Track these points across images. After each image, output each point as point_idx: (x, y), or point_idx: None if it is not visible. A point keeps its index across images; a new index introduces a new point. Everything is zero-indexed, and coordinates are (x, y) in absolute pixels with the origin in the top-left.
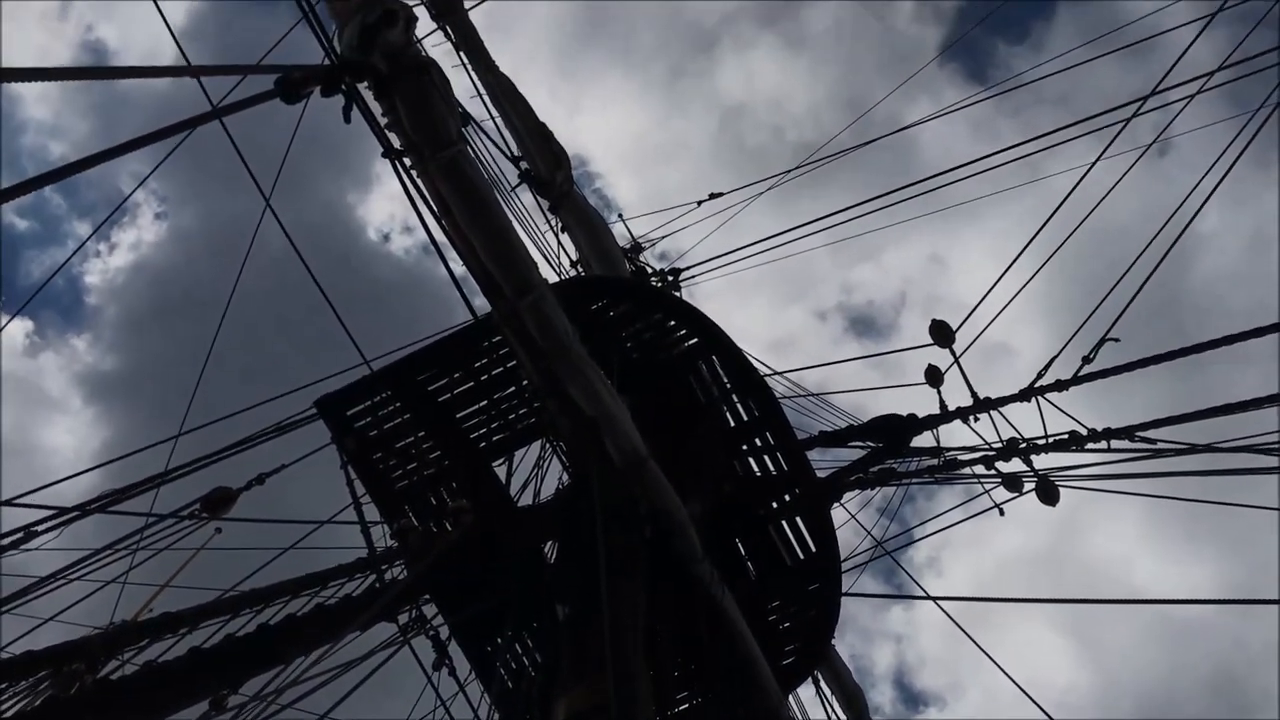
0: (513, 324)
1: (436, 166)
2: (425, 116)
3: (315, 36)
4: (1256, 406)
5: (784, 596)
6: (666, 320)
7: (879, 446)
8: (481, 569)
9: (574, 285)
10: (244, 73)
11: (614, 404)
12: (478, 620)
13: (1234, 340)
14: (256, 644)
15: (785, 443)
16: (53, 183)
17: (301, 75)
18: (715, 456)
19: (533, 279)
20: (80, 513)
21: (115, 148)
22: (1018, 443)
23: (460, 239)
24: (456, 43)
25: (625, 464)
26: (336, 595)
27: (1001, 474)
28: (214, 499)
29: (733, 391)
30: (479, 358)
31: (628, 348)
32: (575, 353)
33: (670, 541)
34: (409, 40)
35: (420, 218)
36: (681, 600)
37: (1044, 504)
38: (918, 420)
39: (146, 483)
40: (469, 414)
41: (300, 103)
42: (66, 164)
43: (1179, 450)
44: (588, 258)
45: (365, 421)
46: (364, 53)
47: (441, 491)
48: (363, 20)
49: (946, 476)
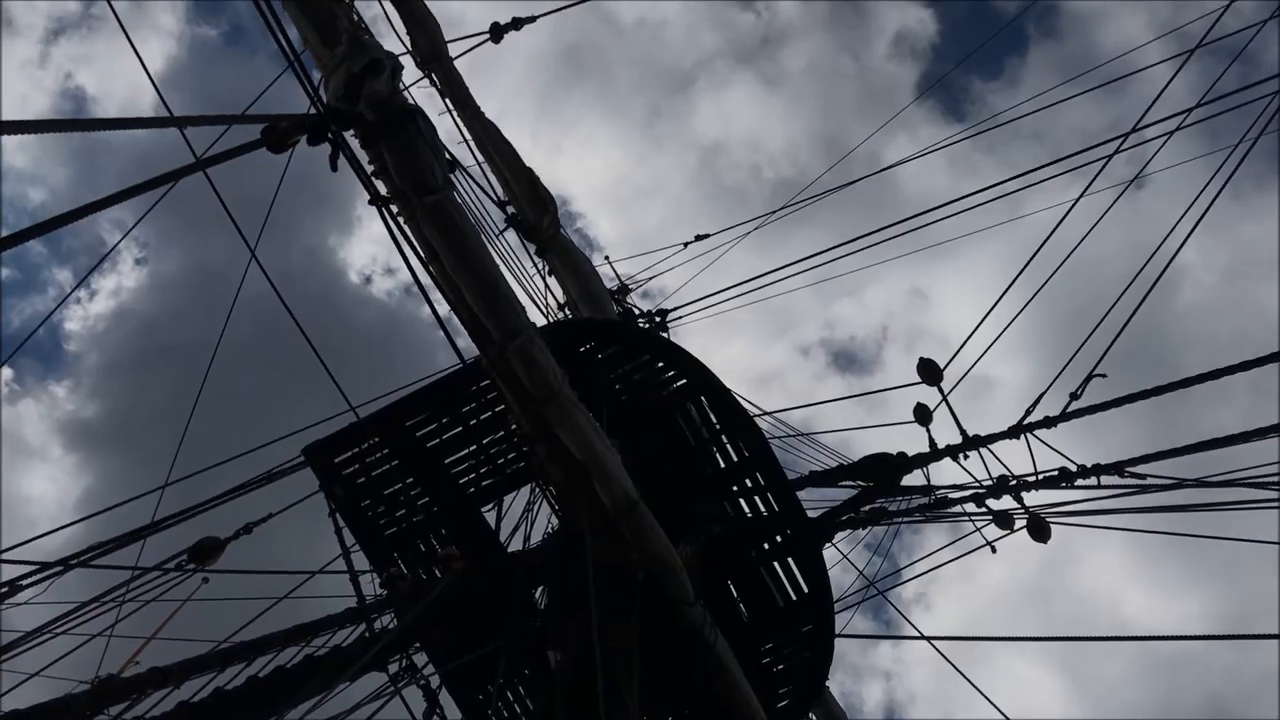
0: (500, 368)
1: (424, 213)
2: (412, 164)
3: (301, 86)
4: (1245, 440)
5: (777, 638)
6: (655, 362)
7: (869, 486)
8: (472, 616)
9: (562, 328)
10: (229, 123)
11: (604, 448)
12: (469, 669)
13: (1220, 374)
14: (246, 697)
15: (775, 483)
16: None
17: (287, 124)
18: (706, 498)
19: (520, 322)
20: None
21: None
22: (1008, 480)
23: (447, 284)
24: (442, 90)
25: (616, 508)
26: (326, 646)
27: (992, 511)
28: (201, 549)
29: (722, 432)
30: (467, 403)
31: (617, 390)
32: (564, 396)
33: (662, 585)
34: (395, 88)
35: (408, 264)
36: (674, 643)
37: (1035, 541)
38: (908, 459)
39: (133, 534)
40: (457, 459)
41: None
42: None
43: (1168, 485)
44: (575, 300)
45: (353, 469)
46: (350, 102)
47: (431, 538)
48: (349, 70)
49: (938, 515)
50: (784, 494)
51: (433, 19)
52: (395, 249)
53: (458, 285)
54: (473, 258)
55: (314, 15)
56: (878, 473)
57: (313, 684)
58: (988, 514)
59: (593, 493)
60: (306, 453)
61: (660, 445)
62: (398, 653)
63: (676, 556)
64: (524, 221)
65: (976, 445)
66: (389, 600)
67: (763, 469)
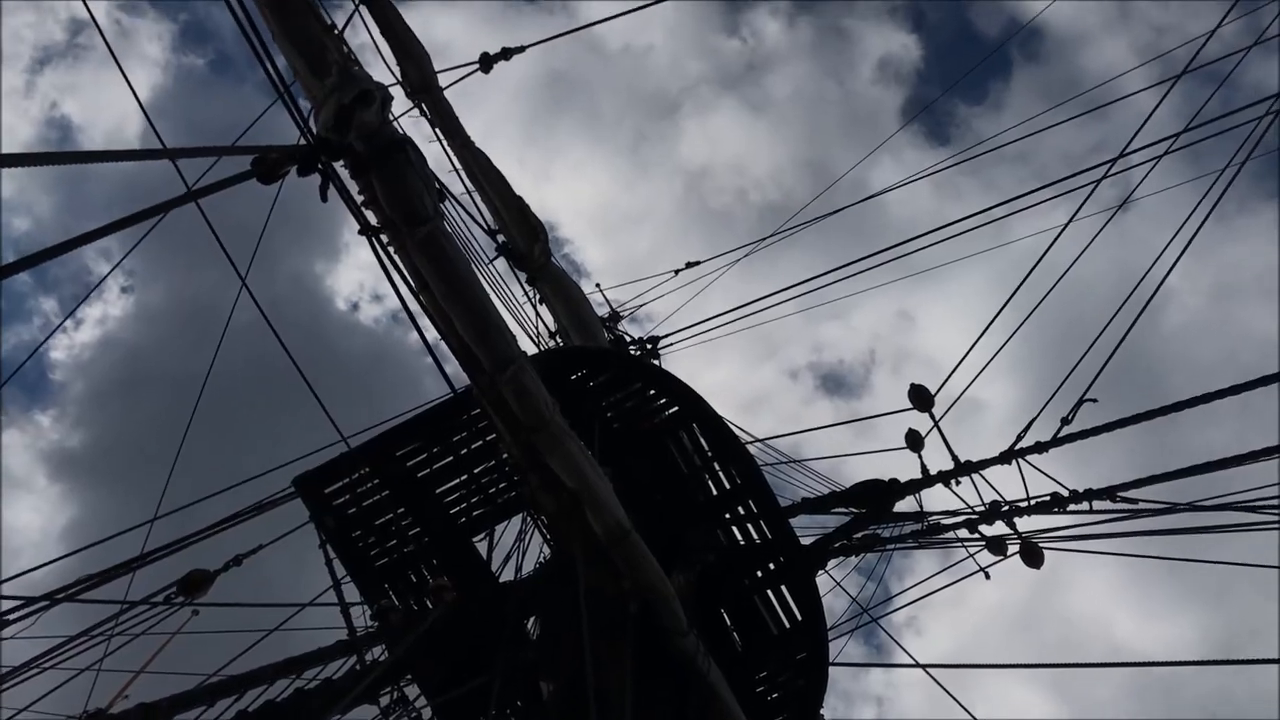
0: (491, 397)
1: (414, 243)
2: (402, 194)
3: (291, 117)
4: (1239, 463)
5: (771, 666)
6: (646, 389)
7: (862, 512)
8: (464, 648)
9: (553, 356)
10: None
11: (595, 476)
12: (461, 701)
13: (1212, 398)
14: None
15: (768, 510)
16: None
17: (278, 155)
18: (698, 526)
19: (511, 352)
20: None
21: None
22: (1000, 505)
23: (438, 313)
24: (432, 119)
25: (608, 537)
26: (317, 679)
27: (985, 537)
28: (191, 582)
29: (714, 460)
30: (457, 432)
31: (608, 418)
32: (555, 425)
33: (655, 615)
34: (385, 119)
35: (398, 294)
36: (667, 672)
37: (1028, 567)
38: (900, 485)
39: (121, 567)
40: (449, 489)
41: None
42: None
43: (1161, 510)
44: (566, 328)
45: (344, 499)
46: (340, 133)
47: (422, 569)
48: (339, 100)
49: (930, 541)
50: (777, 521)
51: (422, 49)
52: (384, 277)
53: (448, 314)
54: (463, 287)
55: (303, 46)
56: (870, 499)
57: (303, 718)
58: (981, 540)
59: (584, 522)
60: (297, 483)
61: (652, 473)
62: (389, 685)
63: (669, 585)
64: (514, 250)
65: (969, 471)
66: (380, 632)
67: (755, 496)
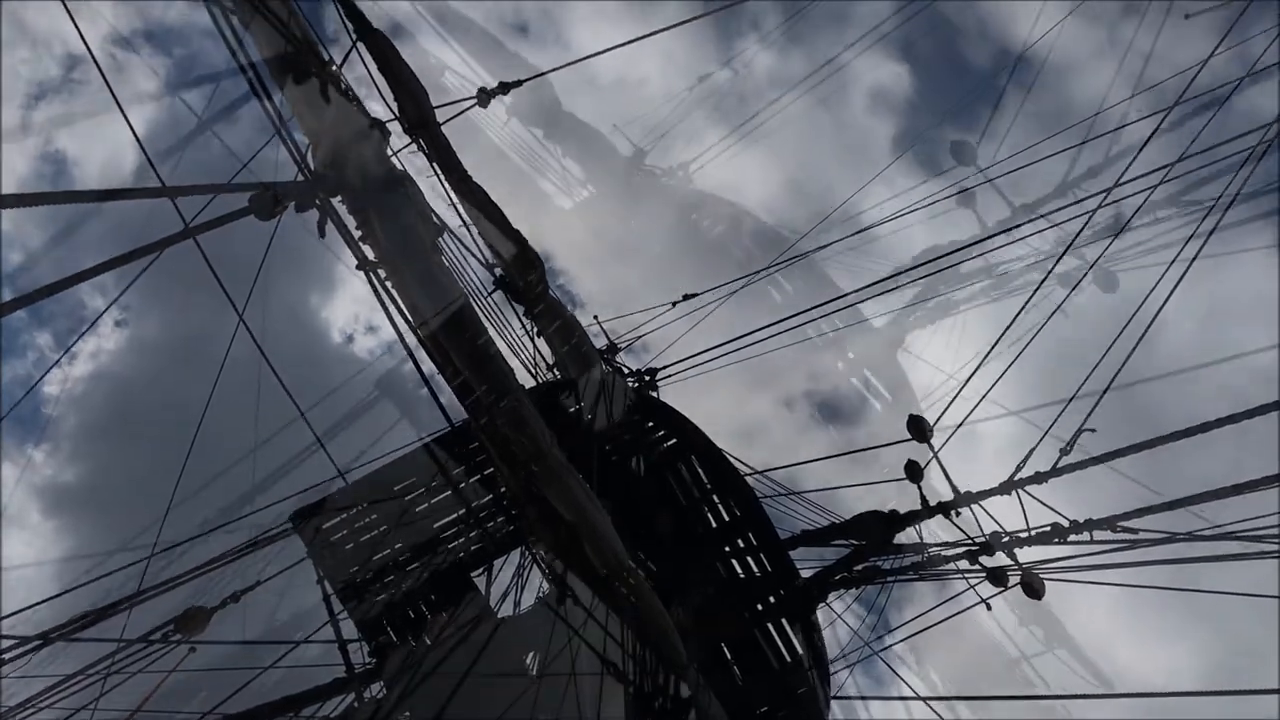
0: (489, 430)
1: (411, 278)
2: (399, 229)
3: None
4: (1237, 492)
5: (772, 701)
6: (645, 421)
7: (862, 544)
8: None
9: (551, 389)
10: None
11: (594, 509)
12: None
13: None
14: None
15: (768, 543)
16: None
17: (276, 192)
18: (698, 558)
19: (509, 384)
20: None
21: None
22: (1000, 536)
23: (435, 347)
24: (430, 154)
25: (607, 571)
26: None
27: (986, 569)
28: (188, 619)
29: (713, 491)
30: (454, 466)
31: (606, 450)
32: (553, 458)
33: (656, 649)
34: (383, 155)
35: (395, 328)
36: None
37: (1029, 598)
38: (900, 516)
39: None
40: (446, 524)
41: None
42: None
43: (1161, 540)
44: (564, 360)
45: (342, 534)
46: (339, 169)
47: (420, 605)
48: (337, 137)
49: (931, 572)
50: (776, 554)
51: (420, 86)
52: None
53: (445, 348)
54: (461, 321)
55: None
56: (870, 531)
57: None
58: (981, 571)
59: (583, 554)
60: (294, 518)
61: (651, 505)
62: None
63: (669, 620)
64: (512, 283)
65: (969, 502)
66: (378, 669)
67: (755, 529)
